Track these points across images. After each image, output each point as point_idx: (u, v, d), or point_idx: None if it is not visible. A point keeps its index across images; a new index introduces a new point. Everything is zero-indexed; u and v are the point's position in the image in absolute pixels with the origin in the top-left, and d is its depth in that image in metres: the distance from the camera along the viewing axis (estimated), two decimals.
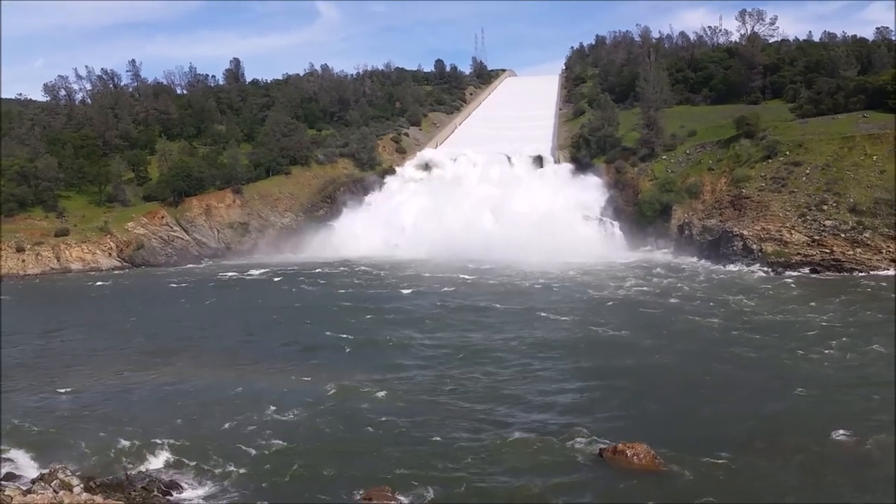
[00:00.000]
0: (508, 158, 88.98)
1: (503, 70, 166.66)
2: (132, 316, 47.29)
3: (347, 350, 35.50)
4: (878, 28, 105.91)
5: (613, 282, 52.72)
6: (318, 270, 65.11)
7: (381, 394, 27.88)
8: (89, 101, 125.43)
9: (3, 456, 22.60)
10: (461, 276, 57.65)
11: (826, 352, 31.68)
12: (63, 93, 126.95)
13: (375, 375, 30.58)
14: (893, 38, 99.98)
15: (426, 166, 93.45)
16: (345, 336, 37.79)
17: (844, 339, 33.83)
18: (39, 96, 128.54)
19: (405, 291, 51.91)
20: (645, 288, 50.13)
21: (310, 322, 42.38)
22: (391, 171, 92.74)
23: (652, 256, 65.47)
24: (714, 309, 41.89)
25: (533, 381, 29.37)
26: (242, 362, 34.29)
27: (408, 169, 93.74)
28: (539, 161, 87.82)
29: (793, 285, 49.26)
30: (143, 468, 21.72)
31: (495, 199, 79.62)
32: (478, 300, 47.27)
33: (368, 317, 43.10)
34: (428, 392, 28.12)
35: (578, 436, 22.94)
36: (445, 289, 52.18)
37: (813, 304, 42.36)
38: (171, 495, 19.91)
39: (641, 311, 42.47)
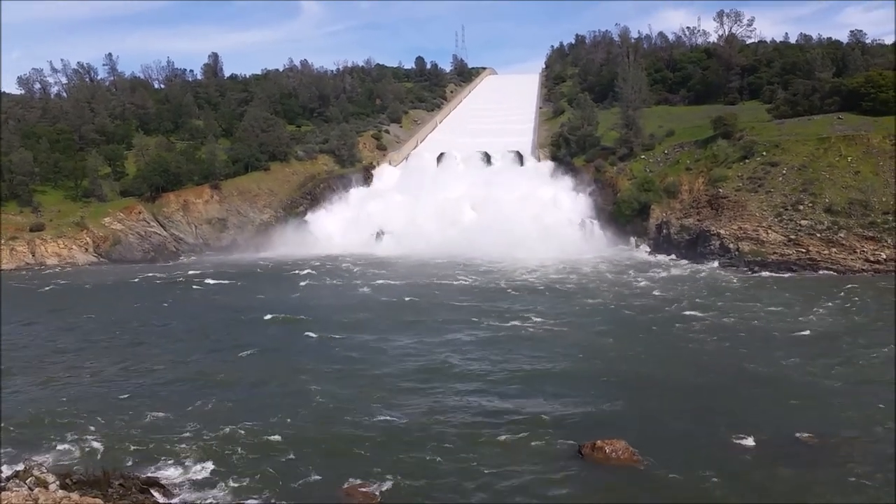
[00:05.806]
0: (488, 156, 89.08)
1: (484, 68, 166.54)
2: (105, 306, 46.90)
3: (315, 346, 35.20)
4: (852, 31, 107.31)
5: (593, 281, 53.07)
6: (295, 269, 64.70)
7: (357, 391, 27.81)
8: (65, 94, 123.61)
9: None
10: (439, 273, 57.68)
11: (805, 353, 32.09)
12: (38, 86, 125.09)
13: (348, 371, 30.57)
14: (867, 41, 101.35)
15: (406, 163, 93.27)
16: (316, 335, 37.57)
17: (822, 339, 34.38)
18: (13, 89, 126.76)
19: (394, 291, 51.85)
20: (624, 287, 50.47)
21: (275, 320, 42.02)
22: (371, 168, 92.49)
23: (631, 255, 65.89)
24: (692, 308, 42.30)
25: (511, 378, 29.43)
26: (208, 358, 33.94)
27: (388, 166, 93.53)
28: (519, 159, 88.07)
29: (769, 284, 49.89)
30: (120, 465, 21.49)
31: (475, 196, 79.58)
32: (455, 299, 47.28)
33: (350, 317, 42.96)
34: (403, 391, 28.05)
35: (557, 432, 23.10)
36: (424, 286, 52.16)
37: (791, 303, 42.89)
38: (149, 492, 19.73)
39: (620, 310, 42.78)
